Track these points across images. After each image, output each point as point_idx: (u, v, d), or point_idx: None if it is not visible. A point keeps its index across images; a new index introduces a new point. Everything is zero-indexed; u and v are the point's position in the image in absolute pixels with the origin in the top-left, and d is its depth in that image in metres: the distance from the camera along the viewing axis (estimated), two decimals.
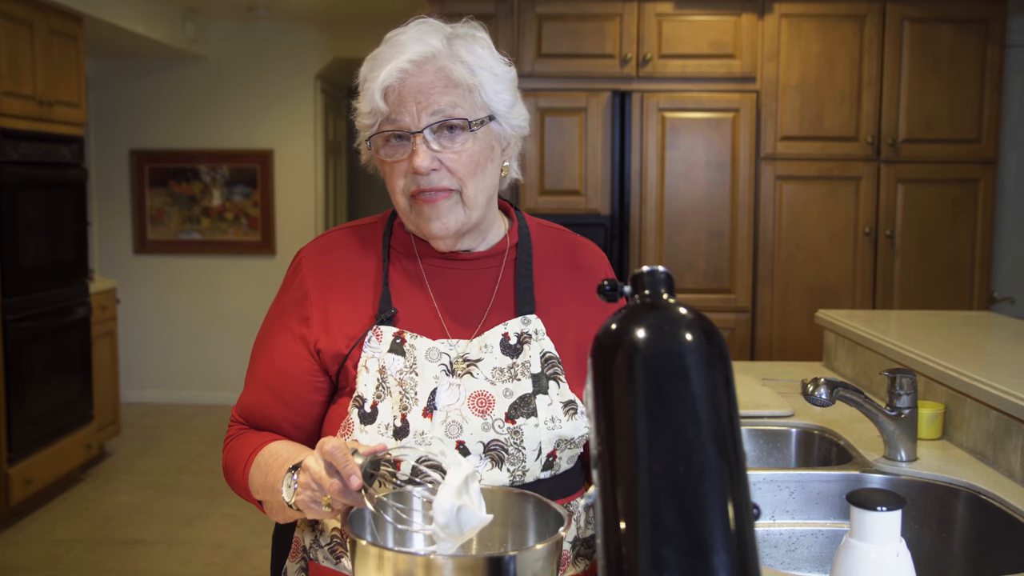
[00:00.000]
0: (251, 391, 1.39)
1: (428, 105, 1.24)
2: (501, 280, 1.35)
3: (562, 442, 1.27)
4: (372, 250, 1.37)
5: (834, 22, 3.98)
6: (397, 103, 1.24)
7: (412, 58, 1.24)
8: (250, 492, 1.33)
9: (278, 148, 6.66)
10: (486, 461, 1.24)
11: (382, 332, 1.29)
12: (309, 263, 1.37)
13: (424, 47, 1.25)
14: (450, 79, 1.25)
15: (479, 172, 1.28)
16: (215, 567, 3.93)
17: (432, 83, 1.24)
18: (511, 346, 1.29)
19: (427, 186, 1.26)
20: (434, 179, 1.26)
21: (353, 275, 1.35)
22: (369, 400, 1.27)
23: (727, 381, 0.82)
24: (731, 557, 0.76)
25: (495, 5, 3.97)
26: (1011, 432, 1.79)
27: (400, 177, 1.27)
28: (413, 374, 1.26)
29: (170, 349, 6.78)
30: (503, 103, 1.30)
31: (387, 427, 1.25)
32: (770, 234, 4.04)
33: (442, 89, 1.25)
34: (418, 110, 1.24)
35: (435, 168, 1.25)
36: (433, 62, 1.25)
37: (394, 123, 1.25)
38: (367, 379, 1.27)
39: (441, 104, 1.24)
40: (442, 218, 1.28)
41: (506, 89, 1.31)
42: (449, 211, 1.28)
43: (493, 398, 1.26)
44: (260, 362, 1.38)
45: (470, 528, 1.05)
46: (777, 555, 1.73)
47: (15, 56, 4.30)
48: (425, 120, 1.24)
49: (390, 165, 1.28)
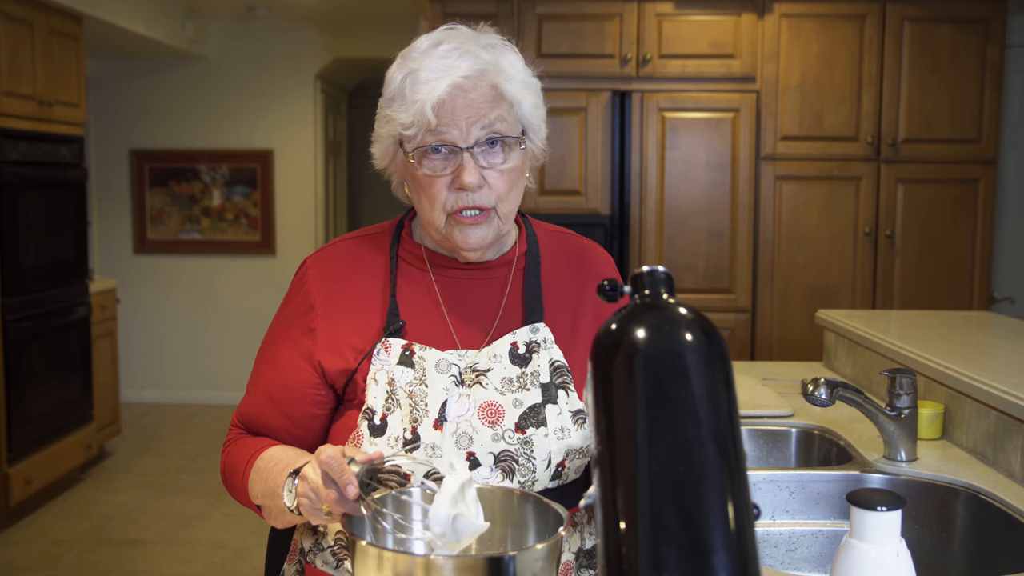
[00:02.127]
0: (252, 399, 1.38)
1: (478, 120, 1.22)
2: (510, 289, 1.35)
3: (571, 452, 1.26)
4: (379, 260, 1.35)
5: (834, 22, 3.98)
6: (448, 118, 1.22)
7: (467, 74, 1.22)
8: (249, 497, 1.33)
9: (278, 148, 6.66)
10: (497, 472, 1.23)
11: (391, 344, 1.28)
12: (315, 273, 1.35)
13: (476, 61, 1.23)
14: (499, 94, 1.24)
15: (515, 190, 1.28)
16: (215, 567, 3.93)
17: (482, 98, 1.23)
18: (520, 355, 1.28)
19: (471, 204, 1.24)
20: (478, 197, 1.24)
21: (360, 286, 1.33)
22: (379, 412, 1.26)
23: (727, 381, 0.82)
24: (731, 557, 0.76)
25: (495, 5, 3.97)
26: (1011, 432, 1.79)
27: (441, 192, 1.25)
28: (423, 386, 1.25)
29: (170, 349, 6.78)
30: (536, 117, 1.30)
31: (397, 439, 1.24)
32: (770, 234, 4.03)
33: (491, 104, 1.23)
34: (467, 125, 1.22)
35: (480, 185, 1.24)
36: (485, 77, 1.23)
37: (440, 136, 1.23)
38: (376, 391, 1.26)
39: (490, 119, 1.23)
40: (480, 232, 1.27)
41: (539, 103, 1.30)
42: (488, 225, 1.27)
43: (503, 408, 1.25)
44: (263, 371, 1.37)
45: (467, 536, 1.05)
46: (777, 555, 1.73)
47: (15, 56, 4.30)
48: (474, 135, 1.23)
49: (430, 179, 1.25)
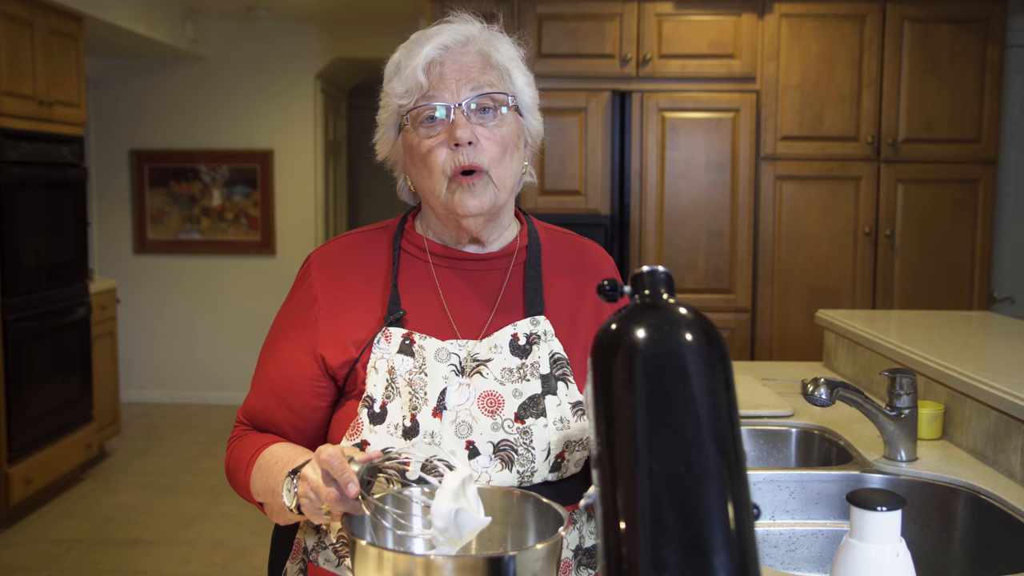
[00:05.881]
0: (256, 394, 1.40)
1: (468, 81, 1.29)
2: (509, 281, 1.36)
3: (570, 443, 1.27)
4: (382, 253, 1.38)
5: (834, 22, 3.98)
6: (438, 79, 1.28)
7: (455, 37, 1.30)
8: (252, 494, 1.34)
9: (278, 148, 6.66)
10: (496, 461, 1.24)
11: (391, 333, 1.29)
12: (319, 267, 1.37)
13: (464, 30, 1.32)
14: (488, 61, 1.31)
15: (507, 155, 1.31)
16: (215, 567, 3.93)
17: (472, 62, 1.30)
18: (520, 347, 1.30)
19: (466, 161, 1.28)
20: (471, 154, 1.28)
21: (362, 279, 1.35)
22: (378, 400, 1.27)
23: (727, 381, 0.82)
24: (731, 557, 0.76)
25: (495, 5, 3.97)
26: (1011, 432, 1.79)
27: (439, 154, 1.29)
28: (422, 374, 1.27)
29: (170, 349, 6.78)
30: (528, 96, 1.36)
31: (396, 427, 1.25)
32: (770, 234, 4.03)
33: (480, 68, 1.30)
34: (458, 87, 1.28)
35: (471, 142, 1.28)
36: (473, 44, 1.31)
37: (432, 99, 1.29)
38: (376, 380, 1.28)
39: (479, 81, 1.29)
40: (478, 196, 1.29)
41: (530, 87, 1.36)
42: (484, 190, 1.30)
43: (502, 398, 1.26)
44: (266, 366, 1.39)
45: (469, 531, 1.05)
46: (777, 555, 1.73)
47: (15, 56, 4.30)
48: (465, 95, 1.28)
49: (427, 145, 1.29)
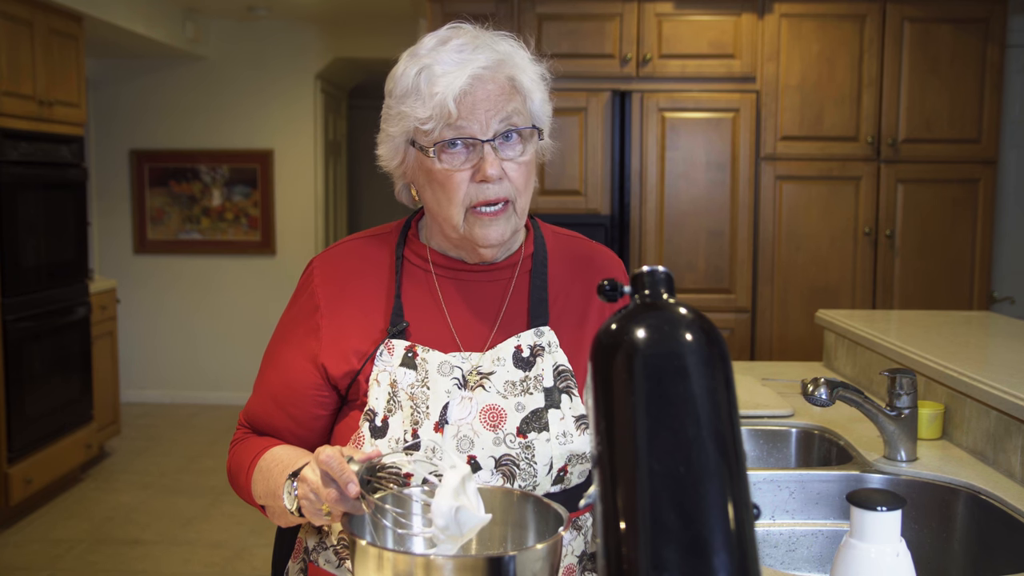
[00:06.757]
0: (257, 399, 1.39)
1: (496, 113, 1.22)
2: (513, 291, 1.34)
3: (573, 457, 1.25)
4: (385, 261, 1.35)
5: (834, 22, 3.98)
6: (468, 110, 1.21)
7: (485, 64, 1.22)
8: (253, 497, 1.33)
9: (278, 148, 6.66)
10: (497, 476, 1.23)
11: (394, 346, 1.28)
12: (321, 273, 1.35)
13: (493, 53, 1.23)
14: (516, 86, 1.24)
15: (529, 183, 1.28)
16: (215, 567, 3.93)
17: (500, 90, 1.23)
18: (524, 359, 1.27)
19: (493, 196, 1.23)
20: (500, 189, 1.24)
21: (365, 287, 1.33)
22: (380, 414, 1.25)
23: (727, 381, 0.82)
24: (731, 557, 0.76)
25: (495, 5, 3.97)
26: (1011, 432, 1.79)
27: (461, 186, 1.24)
28: (425, 388, 1.25)
29: (170, 349, 6.78)
30: (544, 113, 1.30)
31: (398, 441, 1.24)
32: (770, 234, 4.03)
33: (507, 97, 1.23)
34: (486, 118, 1.22)
35: (501, 177, 1.23)
36: (502, 69, 1.24)
37: (459, 130, 1.22)
38: (378, 392, 1.26)
39: (507, 111, 1.23)
40: (500, 227, 1.26)
41: (547, 103, 1.30)
42: (506, 221, 1.27)
43: (505, 412, 1.24)
44: (268, 372, 1.38)
45: (469, 528, 1.05)
46: (777, 555, 1.73)
47: (15, 56, 4.30)
48: (493, 127, 1.22)
49: (449, 174, 1.24)
